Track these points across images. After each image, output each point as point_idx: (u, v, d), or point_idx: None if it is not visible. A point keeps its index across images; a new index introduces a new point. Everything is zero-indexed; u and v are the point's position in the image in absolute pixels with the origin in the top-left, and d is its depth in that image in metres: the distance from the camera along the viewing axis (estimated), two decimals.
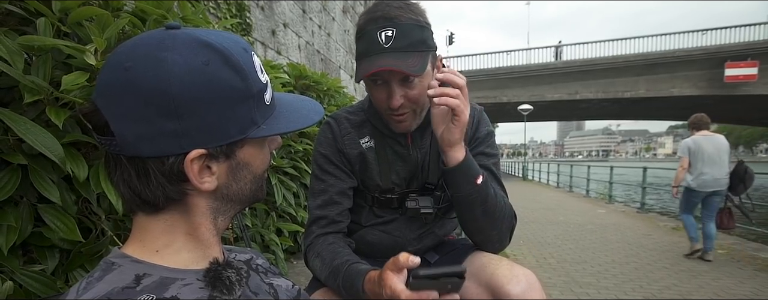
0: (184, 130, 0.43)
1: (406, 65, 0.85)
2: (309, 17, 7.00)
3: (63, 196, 0.95)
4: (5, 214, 0.87)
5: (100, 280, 0.42)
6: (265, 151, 0.53)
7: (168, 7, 1.31)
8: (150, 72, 0.41)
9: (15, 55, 0.87)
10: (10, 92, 0.94)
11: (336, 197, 1.01)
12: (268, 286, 0.59)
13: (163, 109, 0.41)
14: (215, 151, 0.46)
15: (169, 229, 0.48)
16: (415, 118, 0.98)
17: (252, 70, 0.47)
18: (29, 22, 1.00)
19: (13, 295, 0.86)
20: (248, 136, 0.47)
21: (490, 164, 1.05)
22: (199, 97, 0.42)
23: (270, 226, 2.36)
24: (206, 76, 0.43)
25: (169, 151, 0.43)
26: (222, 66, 0.44)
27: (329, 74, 4.56)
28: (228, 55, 0.44)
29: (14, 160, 0.87)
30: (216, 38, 0.45)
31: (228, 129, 0.45)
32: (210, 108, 0.43)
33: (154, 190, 0.45)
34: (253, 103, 0.47)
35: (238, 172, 0.49)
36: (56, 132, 0.90)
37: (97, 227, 1.06)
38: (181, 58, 0.42)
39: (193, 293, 0.44)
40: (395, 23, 0.86)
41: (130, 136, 0.42)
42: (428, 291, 0.63)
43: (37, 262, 0.97)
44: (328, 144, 1.04)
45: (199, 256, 0.49)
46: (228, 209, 0.52)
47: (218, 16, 3.99)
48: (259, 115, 0.48)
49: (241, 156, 0.49)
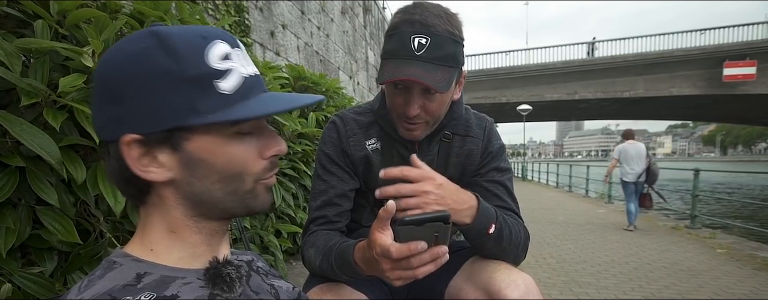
0: (120, 114, 0.44)
1: (434, 79, 0.83)
2: (308, 18, 7.01)
3: (61, 198, 0.95)
4: (3, 217, 0.87)
5: (101, 279, 0.43)
6: (232, 149, 0.47)
7: (166, 9, 1.31)
8: (102, 63, 0.46)
9: (12, 57, 0.87)
10: (8, 94, 0.94)
11: (336, 199, 1.01)
12: (269, 286, 0.59)
13: (105, 95, 0.45)
14: (151, 139, 0.44)
15: (153, 222, 0.49)
16: (426, 129, 0.97)
17: (196, 55, 0.44)
18: (27, 25, 1.00)
19: (11, 297, 0.86)
20: (187, 123, 0.44)
21: (504, 180, 1.03)
22: (130, 81, 0.44)
23: (269, 227, 2.36)
24: (138, 61, 0.44)
25: (111, 135, 0.45)
26: (155, 50, 0.43)
27: (328, 75, 4.56)
28: (165, 39, 0.44)
29: (12, 162, 0.87)
30: (171, 29, 0.45)
31: (160, 115, 0.44)
32: (140, 92, 0.43)
33: (116, 175, 0.47)
34: (190, 89, 0.44)
35: (194, 167, 0.46)
36: (54, 134, 0.90)
37: (95, 229, 1.06)
38: (124, 45, 0.45)
39: (194, 292, 0.44)
40: (431, 32, 0.83)
41: (97, 123, 0.47)
42: (417, 242, 0.62)
43: (36, 265, 0.97)
44: (333, 144, 1.03)
45: (189, 256, 0.49)
46: (207, 212, 0.49)
47: (216, 17, 3.99)
48: (205, 102, 0.44)
49: (191, 148, 0.46)
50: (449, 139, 1.03)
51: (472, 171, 1.05)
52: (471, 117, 1.07)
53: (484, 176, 1.03)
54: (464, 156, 1.04)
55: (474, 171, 1.05)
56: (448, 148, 1.04)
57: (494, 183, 1.02)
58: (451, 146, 1.04)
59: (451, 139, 1.04)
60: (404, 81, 0.86)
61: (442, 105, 0.93)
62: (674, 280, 3.45)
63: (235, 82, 0.46)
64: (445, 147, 1.04)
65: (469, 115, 1.07)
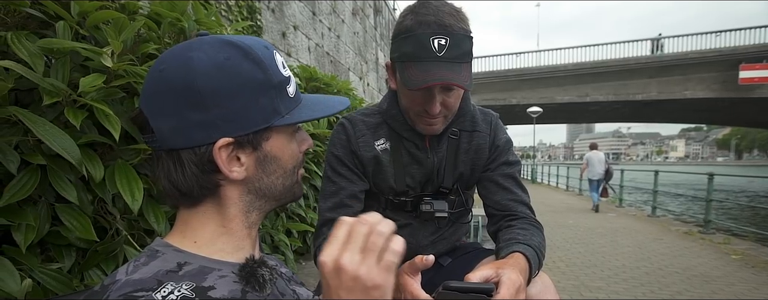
0: (211, 120, 0.47)
1: (461, 78, 0.85)
2: (319, 19, 7.04)
3: (80, 196, 0.96)
4: (24, 213, 0.89)
5: (146, 265, 0.46)
6: (292, 146, 0.55)
7: (182, 10, 1.33)
8: (179, 70, 0.46)
9: (35, 57, 0.89)
10: (30, 94, 0.96)
11: (347, 200, 1.02)
12: (292, 291, 0.60)
13: (191, 102, 0.46)
14: (242, 140, 0.48)
15: (205, 221, 0.51)
16: (444, 123, 0.99)
17: (272, 64, 0.50)
18: (49, 26, 1.02)
19: (31, 293, 0.88)
20: (272, 124, 0.50)
21: (514, 172, 1.07)
22: (222, 89, 0.46)
23: (279, 226, 2.38)
24: (228, 69, 0.47)
25: (199, 141, 0.47)
26: (242, 60, 0.48)
27: (339, 76, 4.57)
28: (247, 50, 0.48)
29: (34, 160, 0.89)
30: (238, 38, 0.50)
31: (252, 117, 0.48)
32: (233, 98, 0.47)
33: (189, 181, 0.48)
34: (274, 94, 0.50)
35: (266, 164, 0.51)
36: (73, 132, 0.92)
37: (112, 227, 1.08)
38: (205, 55, 0.47)
39: (228, 285, 0.47)
40: (448, 32, 0.84)
41: (166, 130, 0.47)
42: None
43: (55, 261, 0.99)
44: (342, 145, 1.04)
45: (233, 248, 0.52)
46: (262, 204, 0.54)
47: (229, 18, 4.03)
48: (282, 105, 0.51)
49: (268, 148, 0.51)
50: (457, 135, 1.05)
51: (482, 166, 1.07)
52: (476, 113, 1.08)
53: (495, 171, 1.06)
54: (473, 151, 1.06)
55: (484, 166, 1.07)
56: (457, 144, 1.05)
57: (505, 176, 1.05)
58: (460, 143, 1.05)
59: (459, 136, 1.05)
60: (441, 85, 0.87)
61: (458, 99, 0.96)
62: (687, 286, 3.40)
63: (294, 86, 0.54)
64: (454, 144, 1.05)
65: (474, 111, 1.08)
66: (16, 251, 0.87)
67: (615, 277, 3.68)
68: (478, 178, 1.08)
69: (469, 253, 1.10)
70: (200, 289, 0.44)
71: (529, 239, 0.90)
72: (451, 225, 1.10)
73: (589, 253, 4.62)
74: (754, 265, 4.09)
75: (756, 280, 3.60)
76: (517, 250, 0.84)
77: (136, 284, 0.43)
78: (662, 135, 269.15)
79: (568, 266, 4.03)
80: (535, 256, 0.86)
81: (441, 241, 1.10)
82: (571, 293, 3.23)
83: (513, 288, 0.69)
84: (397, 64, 0.92)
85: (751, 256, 4.41)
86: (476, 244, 1.16)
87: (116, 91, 1.03)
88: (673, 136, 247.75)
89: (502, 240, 0.94)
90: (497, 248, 0.95)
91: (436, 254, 1.09)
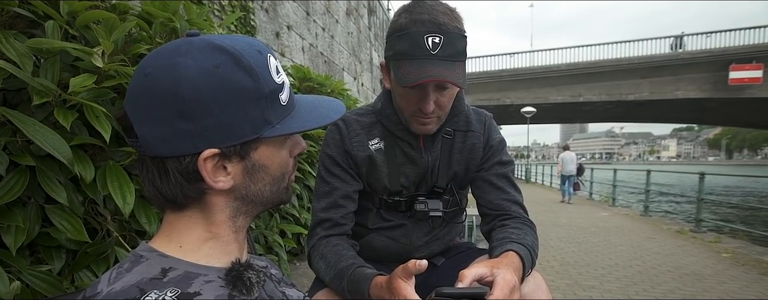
0: (198, 130, 0.45)
1: (455, 76, 0.85)
2: (313, 19, 7.02)
3: (70, 197, 0.96)
4: (13, 215, 0.88)
5: (129, 272, 0.45)
6: (282, 153, 0.53)
7: (174, 10, 1.32)
8: (165, 76, 0.44)
9: (24, 57, 0.88)
10: (19, 94, 0.95)
11: (340, 200, 1.01)
12: (281, 293, 0.59)
13: (177, 111, 0.44)
14: (228, 151, 0.47)
15: (191, 225, 0.50)
16: (437, 123, 0.99)
17: (265, 71, 0.48)
18: (38, 25, 1.01)
19: (19, 295, 0.87)
20: (262, 135, 0.48)
21: (508, 172, 1.07)
22: (211, 98, 0.44)
23: (273, 227, 2.37)
24: (217, 78, 0.44)
25: (184, 150, 0.45)
26: (233, 67, 0.45)
27: (332, 76, 4.57)
28: (239, 56, 0.46)
29: (23, 161, 0.88)
30: (230, 42, 0.47)
31: (240, 129, 0.46)
32: (221, 108, 0.45)
33: (174, 189, 0.47)
34: (265, 104, 0.47)
35: (254, 173, 0.50)
36: (64, 133, 0.91)
37: (102, 228, 1.07)
38: (194, 62, 0.44)
39: (214, 290, 0.46)
40: (442, 31, 0.85)
41: (150, 138, 0.45)
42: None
43: (44, 263, 0.98)
44: (336, 145, 1.04)
45: (220, 253, 0.51)
46: (249, 210, 0.53)
47: (222, 18, 4.01)
48: (274, 114, 0.49)
49: (256, 157, 0.49)
50: (451, 135, 1.05)
51: (476, 165, 1.07)
52: (470, 112, 1.09)
53: (489, 170, 1.07)
54: (467, 151, 1.06)
55: (478, 165, 1.07)
56: (451, 144, 1.06)
57: (498, 176, 1.06)
58: (454, 142, 1.06)
59: (453, 136, 1.05)
60: (433, 82, 0.87)
61: (451, 99, 0.96)
62: (679, 285, 3.43)
63: (288, 93, 0.52)
64: (448, 143, 1.05)
65: (468, 110, 1.08)
66: (5, 253, 0.87)
67: (608, 276, 3.71)
68: (472, 177, 1.08)
69: (463, 252, 1.10)
70: (185, 295, 0.43)
71: (522, 238, 0.91)
72: (445, 225, 1.10)
73: (583, 252, 4.65)
74: (744, 263, 4.13)
75: (746, 278, 3.64)
76: (511, 249, 0.85)
77: (118, 295, 0.42)
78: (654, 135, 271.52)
79: (561, 265, 4.05)
80: (529, 255, 0.87)
81: (435, 241, 1.10)
82: (564, 292, 3.25)
83: (507, 288, 0.69)
84: (391, 63, 0.92)
85: (742, 255, 4.46)
86: (470, 244, 1.16)
87: (107, 92, 1.03)
88: (665, 135, 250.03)
89: (495, 239, 0.94)
90: (491, 247, 0.95)
91: (430, 254, 1.10)
